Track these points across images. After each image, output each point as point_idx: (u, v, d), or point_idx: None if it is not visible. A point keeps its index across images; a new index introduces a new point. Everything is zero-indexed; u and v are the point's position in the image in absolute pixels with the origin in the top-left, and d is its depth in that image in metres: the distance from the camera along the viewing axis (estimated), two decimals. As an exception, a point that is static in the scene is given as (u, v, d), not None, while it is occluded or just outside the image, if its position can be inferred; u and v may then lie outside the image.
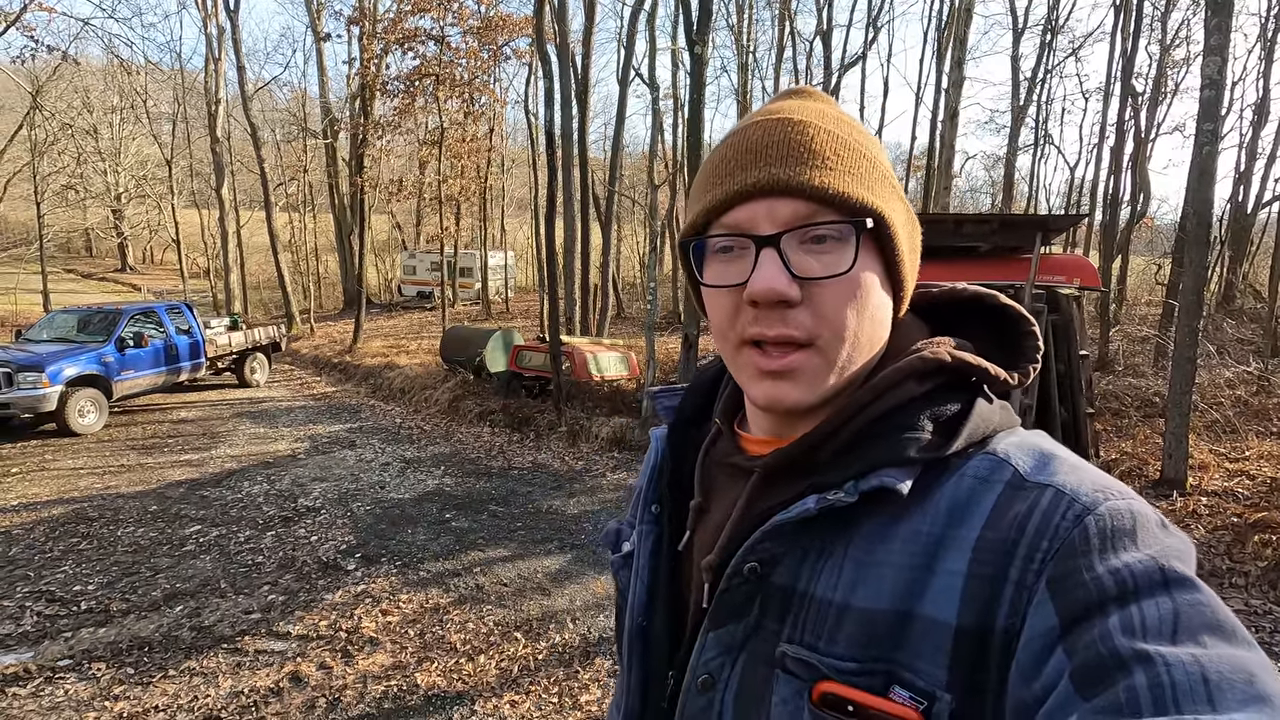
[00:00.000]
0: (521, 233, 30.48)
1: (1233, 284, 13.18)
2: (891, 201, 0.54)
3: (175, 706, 3.04)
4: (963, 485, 0.49)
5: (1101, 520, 0.43)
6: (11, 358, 8.10)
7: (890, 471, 0.49)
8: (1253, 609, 3.73)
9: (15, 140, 19.84)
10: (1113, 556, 0.42)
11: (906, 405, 0.52)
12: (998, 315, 0.59)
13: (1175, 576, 0.41)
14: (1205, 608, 0.39)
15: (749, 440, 0.61)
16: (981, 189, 31.71)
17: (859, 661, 0.47)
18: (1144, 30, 13.04)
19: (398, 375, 11.72)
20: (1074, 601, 0.41)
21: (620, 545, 0.71)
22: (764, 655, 0.52)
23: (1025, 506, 0.46)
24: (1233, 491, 4.98)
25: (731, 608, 0.53)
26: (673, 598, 0.62)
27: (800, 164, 0.51)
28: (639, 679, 0.63)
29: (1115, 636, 0.39)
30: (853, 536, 0.50)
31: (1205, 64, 5.19)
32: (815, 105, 0.56)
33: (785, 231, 0.51)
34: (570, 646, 3.55)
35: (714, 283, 0.54)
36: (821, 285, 0.51)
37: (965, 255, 5.46)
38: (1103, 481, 0.47)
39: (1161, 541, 0.43)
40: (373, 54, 17.37)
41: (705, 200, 0.54)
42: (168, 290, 24.43)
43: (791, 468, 0.54)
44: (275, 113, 26.97)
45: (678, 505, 0.64)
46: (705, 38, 7.46)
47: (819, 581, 0.50)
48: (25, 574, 4.40)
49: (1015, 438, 0.52)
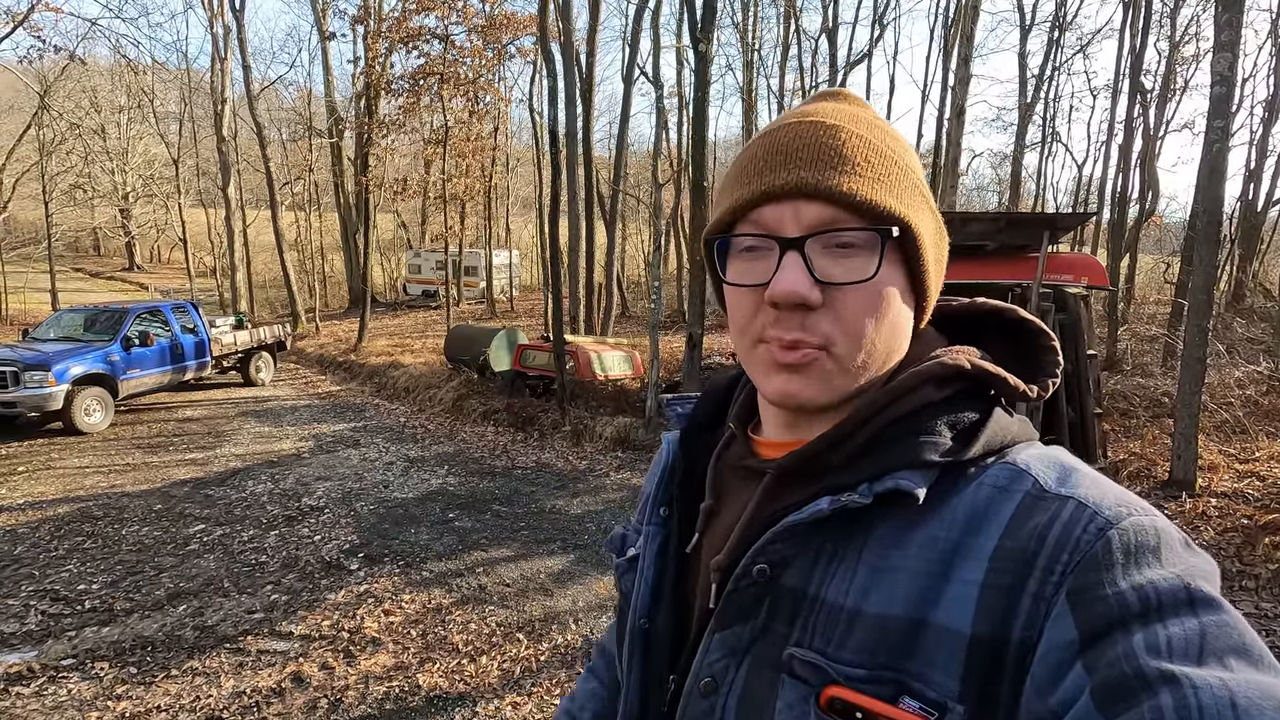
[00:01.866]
0: (526, 232, 30.50)
1: (1243, 283, 13.08)
2: (920, 211, 0.53)
3: (178, 706, 3.03)
4: (981, 493, 0.48)
5: (1125, 535, 0.42)
6: (18, 356, 8.14)
7: (906, 474, 0.48)
8: (1263, 612, 3.68)
9: (24, 140, 19.98)
10: (1136, 572, 0.41)
11: (924, 410, 0.51)
12: (1017, 329, 0.59)
13: (1201, 596, 0.40)
14: (1232, 630, 0.38)
15: (762, 444, 0.61)
16: (988, 187, 31.61)
17: (869, 668, 0.46)
18: (1153, 27, 12.98)
19: (402, 374, 11.74)
20: (1095, 616, 0.40)
21: (625, 549, 0.70)
22: (770, 659, 0.50)
23: (1046, 517, 0.45)
24: (1243, 493, 4.92)
25: (739, 609, 0.52)
26: (677, 600, 0.61)
27: (829, 168, 0.50)
28: (638, 681, 0.62)
29: (1140, 655, 0.38)
30: (866, 540, 0.49)
31: (1216, 60, 5.13)
32: (849, 109, 0.56)
33: (810, 235, 0.50)
34: (573, 648, 3.53)
35: (736, 281, 0.54)
36: (843, 291, 0.50)
37: (972, 254, 5.42)
38: (1126, 497, 0.46)
39: (1186, 560, 0.42)
40: (378, 53, 17.38)
41: (732, 198, 0.54)
42: (174, 289, 24.52)
43: (805, 469, 0.53)
44: (281, 112, 27.07)
45: (687, 508, 0.64)
46: (710, 35, 7.42)
47: (830, 585, 0.49)
48: (30, 572, 4.41)
49: (1035, 450, 0.51)
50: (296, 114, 25.07)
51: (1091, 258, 7.34)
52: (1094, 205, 17.44)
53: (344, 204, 22.48)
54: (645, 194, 21.36)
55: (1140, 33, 11.79)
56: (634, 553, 0.68)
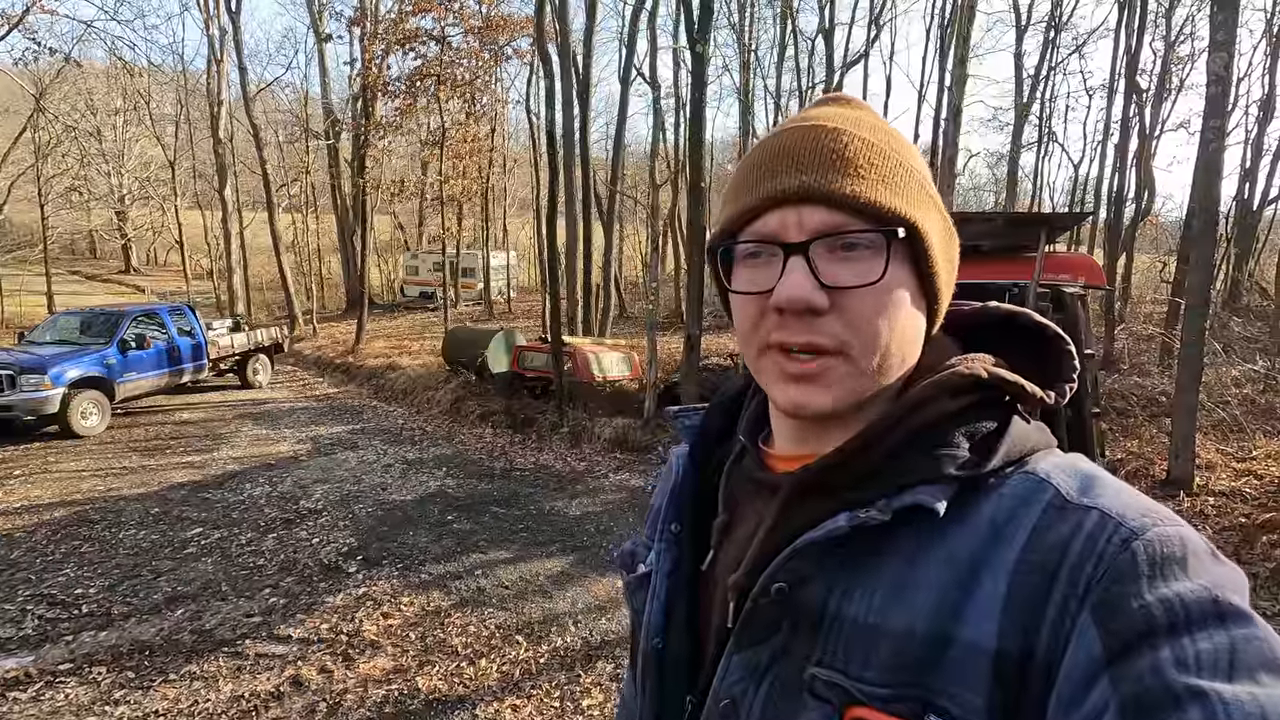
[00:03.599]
0: (524, 233, 30.48)
1: (1239, 281, 13.10)
2: (927, 212, 0.52)
3: (176, 711, 3.02)
4: (1002, 505, 0.47)
5: (1150, 546, 0.41)
6: (14, 360, 8.12)
7: (925, 489, 0.47)
8: (1261, 611, 3.67)
9: (19, 142, 19.91)
10: (1162, 585, 0.40)
11: (941, 421, 0.50)
12: (1031, 333, 0.58)
13: (1230, 609, 0.39)
14: (1263, 643, 0.37)
15: (775, 457, 0.60)
16: (985, 187, 31.65)
17: (892, 687, 0.45)
18: (1148, 27, 12.98)
19: (400, 376, 11.72)
20: (1121, 630, 0.39)
21: (635, 567, 0.69)
22: (791, 679, 0.50)
23: (1069, 529, 0.44)
24: (1240, 491, 4.93)
25: (758, 629, 0.52)
26: (691, 619, 0.60)
27: (833, 171, 0.50)
28: (654, 703, 0.61)
29: (1167, 670, 0.37)
30: (886, 557, 0.48)
31: (1211, 60, 5.14)
32: (852, 112, 0.55)
33: (814, 239, 0.50)
34: (572, 650, 3.53)
35: (741, 289, 0.54)
36: (851, 294, 0.49)
37: (969, 254, 5.40)
38: (1150, 506, 0.45)
39: (1213, 571, 0.41)
40: (374, 54, 17.34)
41: (736, 205, 0.53)
42: (171, 292, 24.47)
43: (821, 484, 0.52)
44: (278, 114, 26.97)
45: (699, 524, 0.63)
46: (706, 37, 7.43)
47: (851, 603, 0.48)
48: (27, 577, 4.39)
49: (1055, 458, 0.50)
50: (293, 116, 24.99)
51: (1088, 257, 7.35)
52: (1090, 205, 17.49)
53: (341, 206, 22.44)
54: (643, 195, 21.35)
55: (1136, 33, 11.82)
56: (645, 569, 0.66)
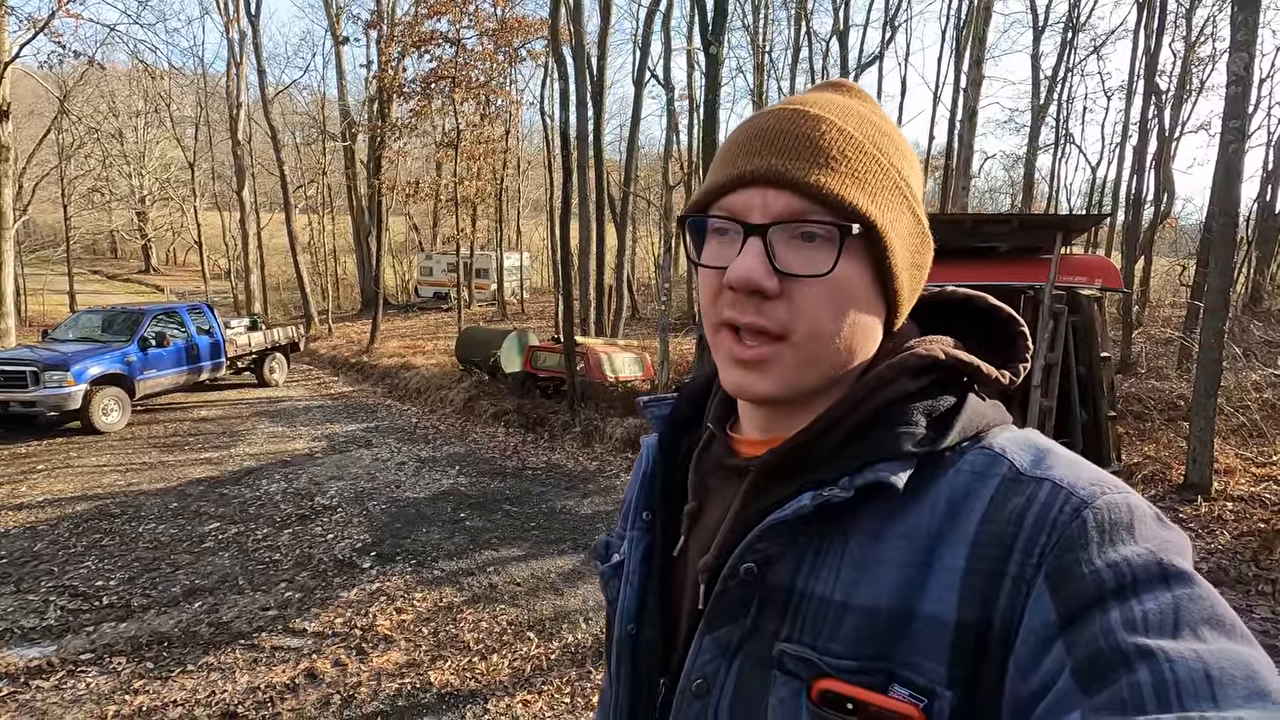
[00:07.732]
0: (537, 234, 30.59)
1: (1260, 285, 12.91)
2: (894, 211, 0.52)
3: (193, 701, 3.07)
4: (959, 480, 0.48)
5: (1099, 513, 0.43)
6: (38, 357, 8.28)
7: (885, 466, 0.49)
8: (1279, 617, 3.64)
9: (43, 144, 20.28)
10: (1111, 550, 0.42)
11: (900, 401, 0.52)
12: (987, 317, 0.59)
13: (1174, 571, 0.41)
14: (1204, 601, 0.39)
15: (741, 441, 0.61)
16: (1001, 189, 31.39)
17: (858, 659, 0.46)
18: (1168, 27, 12.85)
19: (414, 375, 11.81)
20: (1073, 595, 0.41)
21: (610, 556, 0.70)
22: (761, 656, 0.51)
23: (1023, 500, 0.46)
24: (1259, 497, 4.87)
25: (728, 609, 0.53)
26: (664, 604, 0.61)
27: (803, 159, 0.50)
28: (628, 687, 0.62)
29: (1116, 631, 0.38)
30: (850, 534, 0.50)
31: (1231, 60, 5.09)
32: (843, 100, 0.55)
33: (774, 224, 0.50)
34: (583, 646, 3.55)
35: (705, 262, 0.55)
36: (800, 283, 0.50)
37: (984, 256, 5.39)
38: (1099, 475, 0.47)
39: (1159, 535, 0.43)
40: (390, 57, 17.53)
41: (712, 179, 0.54)
42: (190, 291, 24.81)
43: (786, 466, 0.53)
44: (295, 116, 27.33)
45: (670, 512, 0.64)
46: (720, 38, 7.44)
47: (817, 580, 0.50)
48: (49, 569, 4.48)
49: (1010, 433, 0.52)
50: (310, 118, 25.29)
51: (1105, 260, 7.27)
52: (1108, 207, 17.30)
53: (357, 207, 22.66)
54: (656, 196, 21.39)
55: (1155, 33, 11.69)
56: (618, 559, 0.67)
